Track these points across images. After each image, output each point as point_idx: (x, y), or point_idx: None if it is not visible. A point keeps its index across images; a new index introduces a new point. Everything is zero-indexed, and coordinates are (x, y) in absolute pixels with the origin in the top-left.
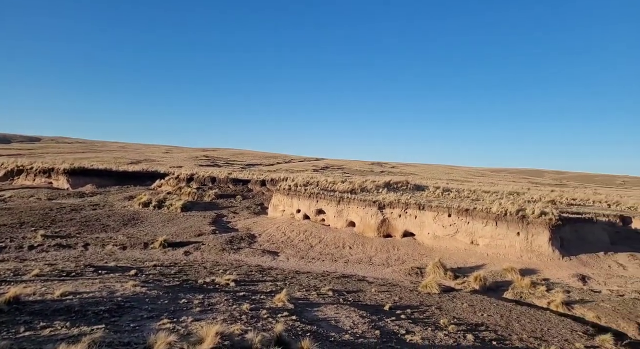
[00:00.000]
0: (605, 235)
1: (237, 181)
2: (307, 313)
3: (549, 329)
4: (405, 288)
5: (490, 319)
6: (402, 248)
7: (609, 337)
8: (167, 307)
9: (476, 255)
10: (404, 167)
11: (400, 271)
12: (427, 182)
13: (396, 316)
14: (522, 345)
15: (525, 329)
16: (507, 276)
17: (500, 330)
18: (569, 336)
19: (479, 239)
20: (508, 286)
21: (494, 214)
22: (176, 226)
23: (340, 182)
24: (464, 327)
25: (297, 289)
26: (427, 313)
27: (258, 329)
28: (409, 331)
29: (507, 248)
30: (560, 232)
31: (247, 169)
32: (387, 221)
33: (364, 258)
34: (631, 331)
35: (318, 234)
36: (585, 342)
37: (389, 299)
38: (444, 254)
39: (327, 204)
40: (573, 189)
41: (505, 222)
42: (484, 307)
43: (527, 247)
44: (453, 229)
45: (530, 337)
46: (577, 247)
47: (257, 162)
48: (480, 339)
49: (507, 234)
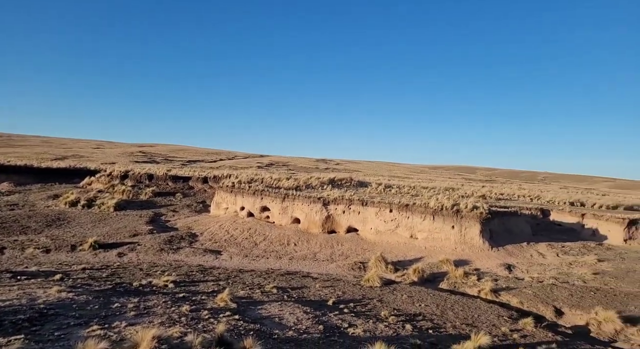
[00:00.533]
0: (528, 227)
1: (177, 178)
2: (250, 311)
3: (479, 315)
4: (348, 283)
5: (427, 309)
6: (345, 244)
7: (530, 320)
8: (97, 312)
9: (415, 248)
10: (349, 164)
11: (344, 266)
12: (370, 179)
13: (339, 311)
14: (455, 332)
15: (458, 317)
16: (443, 267)
17: (436, 319)
18: (496, 321)
19: (418, 233)
20: (444, 276)
21: (432, 209)
22: (108, 226)
23: (285, 179)
24: (403, 318)
25: (241, 288)
26: (369, 306)
27: (198, 331)
28: (352, 325)
29: (443, 241)
30: (490, 225)
31: (188, 166)
32: (331, 217)
33: (309, 254)
34: (549, 313)
35: (262, 231)
36: (510, 326)
37: (333, 294)
38: (386, 248)
39: (272, 201)
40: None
41: (442, 217)
42: (421, 298)
43: (460, 240)
44: (394, 224)
45: (462, 324)
46: (504, 238)
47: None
48: (417, 329)
49: (444, 227)
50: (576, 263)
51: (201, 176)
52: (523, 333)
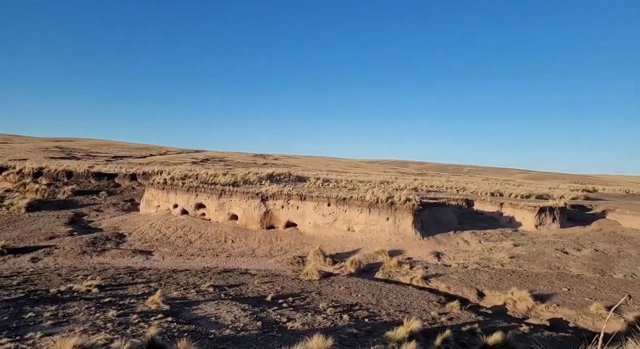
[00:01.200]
0: (455, 216)
1: (101, 175)
2: (185, 312)
3: (411, 302)
4: (287, 277)
5: (363, 298)
6: (284, 239)
7: (456, 303)
8: (7, 324)
9: (352, 241)
10: (287, 159)
11: (283, 261)
12: (308, 173)
13: (278, 306)
14: (389, 319)
15: (392, 305)
16: (378, 258)
17: (371, 308)
18: (426, 307)
19: (355, 225)
20: (379, 267)
21: (368, 202)
22: (20, 228)
23: (221, 175)
24: (340, 309)
25: (174, 289)
26: (308, 299)
27: (127, 336)
28: (290, 319)
29: (379, 233)
30: (421, 215)
31: (114, 162)
32: (270, 212)
33: (247, 251)
34: (472, 296)
35: (198, 229)
36: (438, 310)
37: (272, 290)
38: (324, 241)
39: (208, 197)
40: (431, 178)
41: (377, 209)
42: (358, 288)
43: (395, 231)
44: (332, 218)
45: (396, 311)
46: (433, 228)
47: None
48: (354, 318)
49: (379, 220)
50: (496, 248)
51: (129, 173)
52: (450, 316)
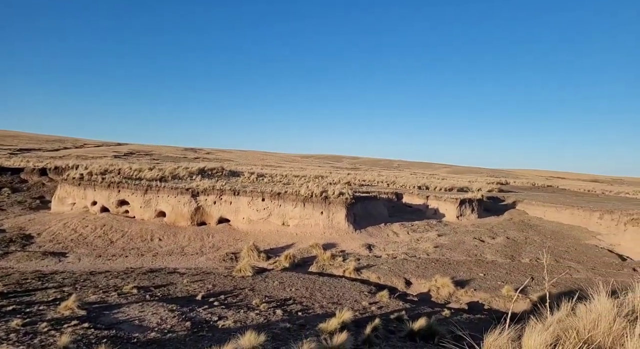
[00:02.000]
0: (385, 209)
1: (4, 169)
2: (104, 317)
3: (344, 293)
4: (219, 275)
5: (297, 292)
6: (217, 235)
7: (386, 292)
8: None
9: (287, 235)
10: (220, 154)
11: (215, 259)
12: (242, 168)
13: (209, 304)
14: (322, 311)
15: (325, 297)
16: (312, 251)
17: (305, 301)
18: (358, 297)
19: (290, 220)
20: (313, 260)
21: (303, 196)
22: None
23: (147, 170)
24: (274, 304)
25: (92, 293)
26: (241, 296)
27: (34, 347)
28: (222, 317)
29: (313, 227)
30: (354, 209)
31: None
32: (201, 208)
33: (176, 249)
34: (400, 285)
35: (120, 227)
36: (369, 300)
37: (202, 288)
38: (258, 237)
39: (132, 194)
40: (364, 172)
41: (312, 204)
42: (292, 282)
43: (329, 225)
44: (267, 213)
45: (329, 303)
46: (366, 221)
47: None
48: (288, 313)
49: (313, 214)
50: (422, 238)
51: (38, 167)
52: (380, 305)
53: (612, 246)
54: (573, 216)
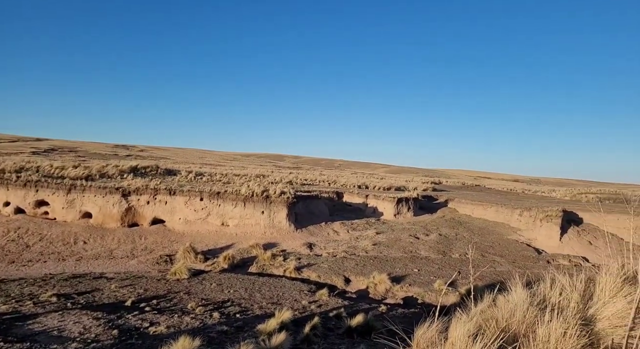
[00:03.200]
0: (326, 208)
1: None
2: (17, 329)
3: (284, 293)
4: (152, 278)
5: (236, 294)
6: (150, 237)
7: (325, 291)
8: None
9: (226, 236)
10: (155, 151)
11: (147, 261)
12: (179, 166)
13: (140, 310)
14: (261, 312)
15: (265, 298)
16: (253, 252)
17: (244, 303)
18: (298, 296)
19: (230, 220)
20: (253, 260)
21: (243, 195)
22: None
23: (71, 168)
24: (211, 307)
25: (2, 302)
26: (175, 300)
27: None
28: (154, 323)
29: (254, 226)
30: (296, 208)
31: None
32: (133, 209)
33: (103, 252)
34: (340, 283)
35: (38, 230)
36: (309, 299)
37: (133, 293)
38: (196, 238)
39: (53, 193)
40: (306, 171)
41: (253, 203)
42: (231, 284)
43: (270, 224)
44: (205, 213)
45: (268, 303)
46: (307, 220)
47: None
48: (225, 315)
49: (254, 213)
50: (361, 237)
51: None
52: (319, 303)
53: (530, 240)
54: (497, 213)
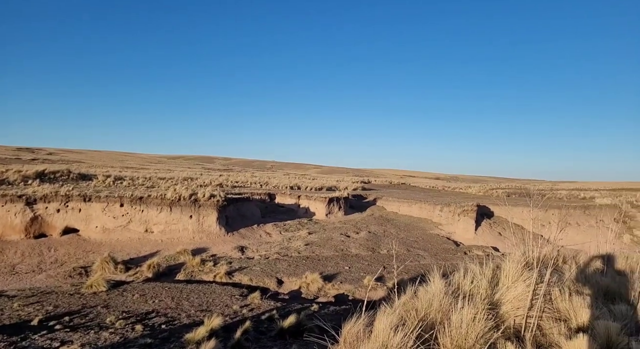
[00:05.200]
0: (258, 210)
1: None
2: None
3: (214, 299)
4: (64, 293)
5: (161, 304)
6: (61, 248)
7: (258, 294)
8: None
9: (151, 243)
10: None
11: (58, 275)
12: (95, 170)
13: (49, 329)
14: (189, 321)
15: (194, 305)
16: (180, 258)
17: (170, 312)
18: (229, 302)
19: (154, 226)
20: (181, 267)
21: (169, 200)
22: None
23: None
24: (133, 319)
25: None
26: (91, 315)
27: None
28: (65, 342)
29: (182, 232)
30: (226, 211)
31: None
32: (40, 218)
33: (3, 268)
34: (272, 285)
35: None
36: (240, 303)
37: (40, 311)
38: (116, 247)
39: None
40: (237, 173)
41: (180, 207)
42: (155, 293)
43: (199, 229)
44: (126, 219)
45: (197, 311)
46: (238, 223)
47: None
48: (150, 327)
49: (182, 218)
50: (294, 237)
51: None
52: (251, 307)
53: (450, 234)
54: (421, 209)
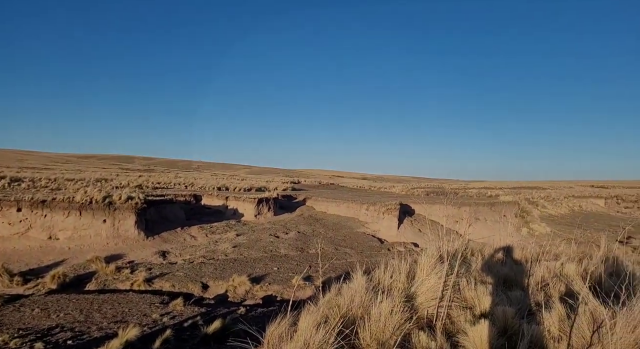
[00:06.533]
0: (182, 212)
1: None
2: None
3: (130, 309)
4: None
5: (67, 317)
6: None
7: (180, 300)
8: None
9: (56, 251)
10: None
11: None
12: None
13: None
14: (101, 334)
15: (107, 317)
16: (92, 266)
17: (78, 326)
18: (147, 310)
19: (60, 232)
20: (92, 277)
21: (79, 203)
22: None
23: None
24: (32, 336)
25: None
26: None
27: None
28: None
29: (93, 238)
30: (146, 214)
31: None
32: None
33: None
34: (197, 290)
35: None
36: (161, 311)
37: None
38: (12, 257)
39: None
40: (159, 174)
41: (91, 211)
42: (60, 307)
43: (114, 234)
44: (24, 226)
45: (111, 323)
46: (160, 226)
47: None
48: (52, 344)
49: (93, 223)
50: (221, 240)
51: None
52: (173, 314)
53: (375, 232)
54: (349, 209)
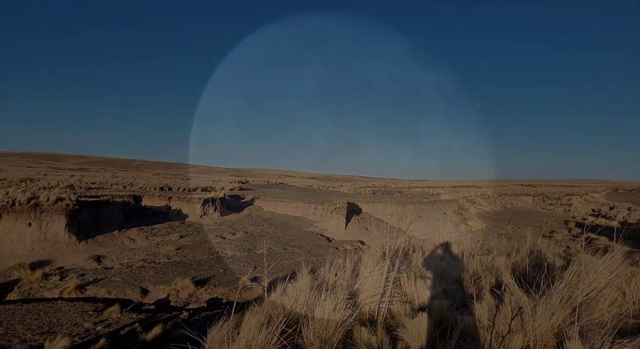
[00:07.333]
0: (120, 214)
1: None
2: None
3: (59, 319)
4: None
5: None
6: None
7: (116, 307)
8: None
9: None
10: None
11: None
12: None
13: None
14: (24, 347)
15: (31, 328)
16: (14, 274)
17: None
18: (79, 319)
19: None
20: (15, 285)
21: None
22: None
23: None
24: None
25: None
26: None
27: None
28: None
29: (16, 243)
30: (79, 217)
31: None
32: None
33: None
34: (135, 296)
35: None
36: (94, 319)
37: None
38: None
39: None
40: (94, 174)
41: (14, 214)
42: None
43: (40, 238)
44: None
45: (36, 334)
46: (94, 229)
47: None
48: None
49: (16, 226)
50: (163, 242)
51: None
52: (108, 322)
53: (323, 231)
54: (297, 208)
